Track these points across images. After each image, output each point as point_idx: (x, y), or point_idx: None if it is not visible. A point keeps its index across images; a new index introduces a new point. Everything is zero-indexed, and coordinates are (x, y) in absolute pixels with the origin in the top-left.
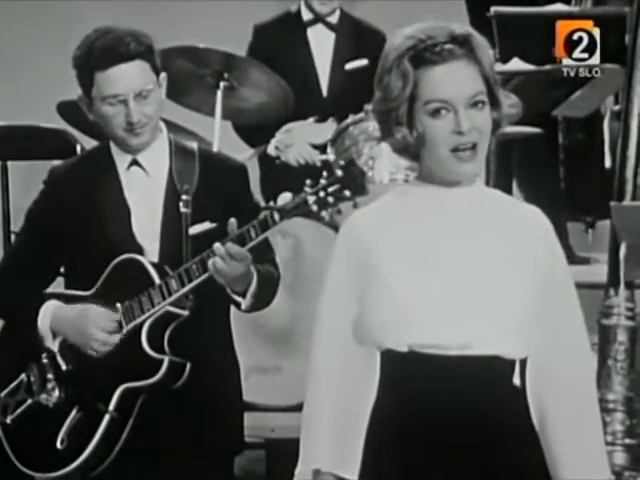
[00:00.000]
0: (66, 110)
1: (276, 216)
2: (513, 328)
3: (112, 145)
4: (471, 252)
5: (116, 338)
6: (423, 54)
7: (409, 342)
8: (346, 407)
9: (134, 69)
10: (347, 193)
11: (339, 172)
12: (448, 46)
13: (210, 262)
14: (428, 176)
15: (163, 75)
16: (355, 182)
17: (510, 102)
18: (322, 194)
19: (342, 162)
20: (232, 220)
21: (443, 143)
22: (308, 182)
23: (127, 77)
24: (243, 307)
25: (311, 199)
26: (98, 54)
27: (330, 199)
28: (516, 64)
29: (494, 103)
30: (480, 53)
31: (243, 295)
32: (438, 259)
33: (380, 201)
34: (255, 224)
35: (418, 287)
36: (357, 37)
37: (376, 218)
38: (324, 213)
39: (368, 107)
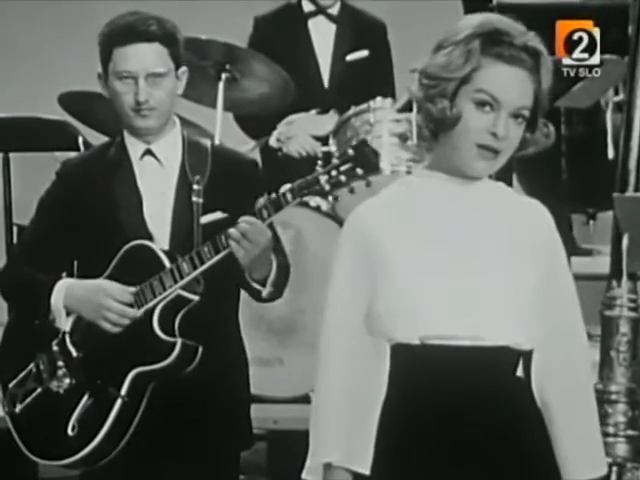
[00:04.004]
0: (68, 101)
1: (288, 195)
2: (521, 318)
3: (126, 135)
4: (478, 243)
5: (134, 312)
6: (496, 45)
7: (420, 334)
8: (356, 400)
9: (150, 50)
10: (359, 171)
11: (351, 151)
12: (520, 51)
13: (232, 244)
14: (437, 165)
15: (184, 69)
16: (367, 161)
17: (546, 131)
18: (334, 173)
19: (354, 142)
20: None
21: (474, 135)
22: (320, 162)
23: (142, 56)
24: (264, 295)
25: (323, 178)
26: (119, 31)
27: (342, 178)
28: None
29: (531, 124)
30: (543, 74)
31: (263, 284)
32: (445, 251)
33: (385, 193)
34: (267, 204)
35: (427, 279)
36: (358, 28)
37: (382, 210)
38: (337, 192)
39: (372, 103)
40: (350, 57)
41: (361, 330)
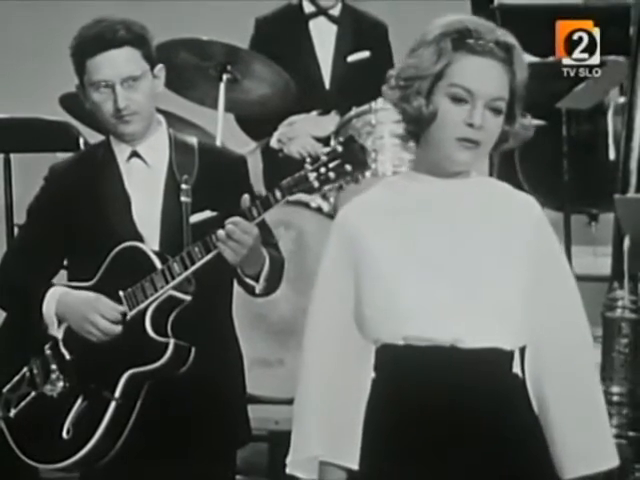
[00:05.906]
0: (69, 102)
1: (277, 193)
2: (507, 319)
3: (112, 138)
4: (463, 243)
5: (118, 329)
6: (467, 41)
7: (404, 335)
8: (340, 396)
9: (122, 56)
10: (348, 168)
11: (339, 148)
12: (492, 45)
13: (219, 245)
14: (421, 165)
15: (160, 66)
16: (356, 157)
17: (525, 122)
18: (323, 170)
19: (342, 138)
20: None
21: (451, 129)
22: (309, 160)
23: (114, 63)
24: (257, 291)
25: (312, 175)
26: (89, 42)
27: (331, 175)
28: None
29: (510, 116)
30: (517, 66)
31: (256, 279)
32: (431, 251)
33: (371, 192)
34: (257, 203)
35: (411, 280)
36: (359, 29)
37: (368, 210)
38: (326, 189)
39: (374, 104)
40: (351, 58)
41: (346, 328)
